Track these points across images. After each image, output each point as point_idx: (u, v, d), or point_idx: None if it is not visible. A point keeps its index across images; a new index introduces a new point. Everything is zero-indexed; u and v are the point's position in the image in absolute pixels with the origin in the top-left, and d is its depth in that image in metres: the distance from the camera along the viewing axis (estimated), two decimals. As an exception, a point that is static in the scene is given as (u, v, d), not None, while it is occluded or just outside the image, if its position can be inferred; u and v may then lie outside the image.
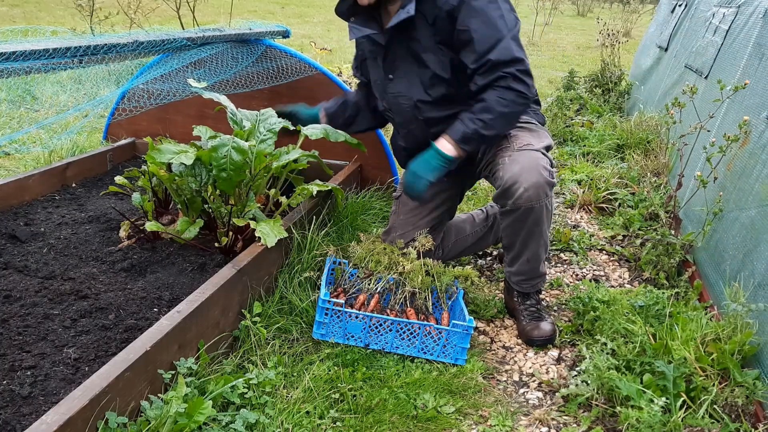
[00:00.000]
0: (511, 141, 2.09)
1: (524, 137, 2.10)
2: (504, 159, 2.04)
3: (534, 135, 2.13)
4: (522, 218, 2.03)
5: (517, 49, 2.00)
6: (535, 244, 2.11)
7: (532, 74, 2.04)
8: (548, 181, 1.99)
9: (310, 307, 2.12)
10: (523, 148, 2.03)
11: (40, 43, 1.81)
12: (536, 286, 2.24)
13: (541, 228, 2.07)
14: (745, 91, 2.59)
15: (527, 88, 2.01)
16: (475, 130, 2.02)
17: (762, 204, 2.08)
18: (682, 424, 1.64)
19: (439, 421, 1.74)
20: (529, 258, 2.15)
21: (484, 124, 2.01)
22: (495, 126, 2.02)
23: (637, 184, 3.48)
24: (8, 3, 11.60)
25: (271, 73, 2.98)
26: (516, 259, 2.17)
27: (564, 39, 12.51)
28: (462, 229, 2.58)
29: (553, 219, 3.28)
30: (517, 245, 2.13)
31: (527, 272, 2.19)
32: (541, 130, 2.21)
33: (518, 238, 2.10)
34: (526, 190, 1.96)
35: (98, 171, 3.08)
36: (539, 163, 1.99)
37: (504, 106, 1.99)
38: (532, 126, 2.20)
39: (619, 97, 5.74)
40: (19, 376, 1.54)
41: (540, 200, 1.99)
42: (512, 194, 1.98)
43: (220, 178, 2.03)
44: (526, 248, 2.13)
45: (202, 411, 1.47)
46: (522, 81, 2.00)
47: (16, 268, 2.06)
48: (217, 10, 10.70)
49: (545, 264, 2.23)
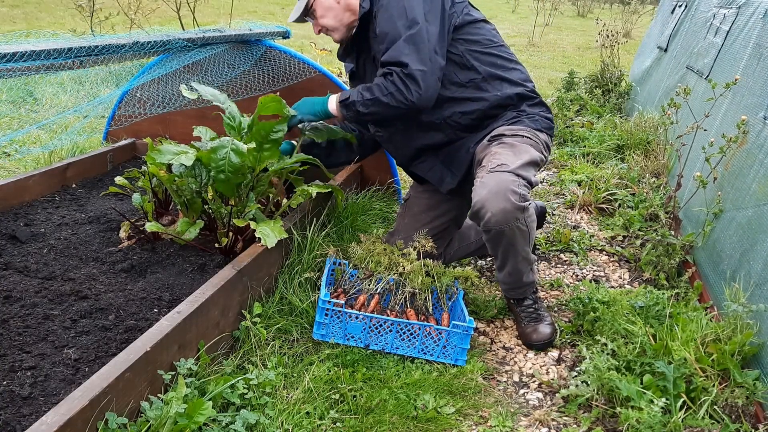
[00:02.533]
0: (489, 159, 2.03)
1: (501, 156, 2.01)
2: (477, 180, 2.00)
3: (515, 151, 2.04)
4: (495, 239, 2.01)
5: (409, 53, 2.03)
6: (514, 260, 2.09)
7: (419, 82, 2.03)
8: (517, 206, 1.90)
9: (310, 307, 2.12)
10: (495, 170, 1.95)
11: (40, 44, 1.81)
12: (523, 294, 2.22)
13: (516, 248, 2.03)
14: (743, 91, 2.60)
15: (408, 91, 2.03)
16: (354, 101, 2.13)
17: (759, 203, 2.08)
18: (682, 425, 1.64)
19: (439, 421, 1.74)
20: (510, 271, 2.14)
21: (363, 101, 2.11)
22: (370, 107, 2.11)
23: (637, 184, 3.48)
24: (8, 3, 11.60)
25: (271, 75, 2.98)
26: (501, 269, 2.17)
27: (564, 40, 12.51)
28: (466, 236, 2.57)
29: (552, 220, 3.28)
30: (498, 258, 2.12)
31: (511, 282, 2.19)
32: (527, 144, 2.10)
33: (498, 253, 2.09)
34: (493, 215, 1.91)
35: (98, 171, 3.08)
36: (508, 187, 1.90)
37: (383, 94, 2.07)
38: (518, 140, 2.10)
39: (619, 98, 5.74)
40: (20, 376, 1.54)
41: (509, 224, 1.93)
42: (481, 218, 1.95)
43: (219, 180, 2.03)
44: (507, 263, 2.11)
45: (202, 411, 1.47)
46: (404, 82, 2.03)
47: (17, 269, 2.06)
48: (217, 10, 10.70)
49: (531, 273, 2.19)
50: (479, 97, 2.18)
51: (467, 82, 2.18)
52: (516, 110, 2.20)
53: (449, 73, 2.16)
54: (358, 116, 2.17)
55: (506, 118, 2.19)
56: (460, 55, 2.16)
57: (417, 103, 2.05)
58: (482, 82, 2.18)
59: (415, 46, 2.03)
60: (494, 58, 2.21)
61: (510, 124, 2.17)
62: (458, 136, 2.23)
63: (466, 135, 2.22)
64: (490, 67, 2.19)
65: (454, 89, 2.17)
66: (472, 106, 2.18)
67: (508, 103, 2.20)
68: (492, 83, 2.19)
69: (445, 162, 2.28)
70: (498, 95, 2.18)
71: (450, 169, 2.27)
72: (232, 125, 2.24)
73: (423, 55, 2.03)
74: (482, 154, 2.11)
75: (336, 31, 2.29)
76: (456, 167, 2.25)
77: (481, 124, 2.20)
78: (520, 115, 2.19)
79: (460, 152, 2.23)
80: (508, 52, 2.26)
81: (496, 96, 2.18)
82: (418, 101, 2.05)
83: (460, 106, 2.18)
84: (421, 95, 2.04)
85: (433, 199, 2.45)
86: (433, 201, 2.45)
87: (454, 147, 2.24)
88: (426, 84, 2.04)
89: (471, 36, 2.18)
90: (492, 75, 2.19)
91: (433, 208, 2.45)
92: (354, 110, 2.15)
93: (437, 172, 2.30)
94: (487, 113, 2.19)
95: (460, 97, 2.18)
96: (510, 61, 2.25)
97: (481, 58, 2.18)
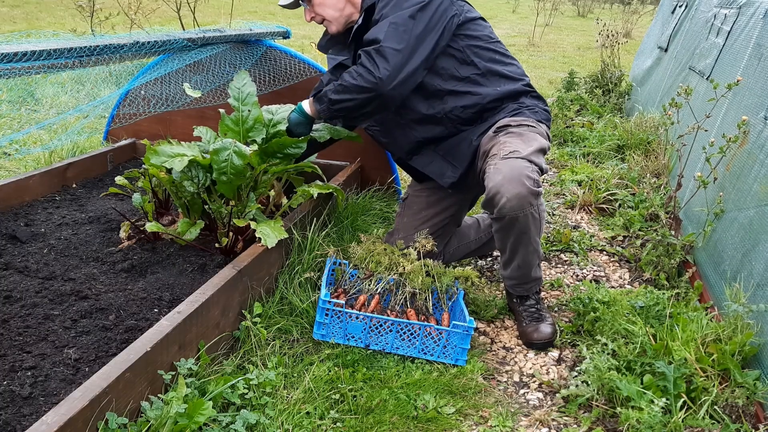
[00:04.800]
0: (499, 148, 2.05)
1: (512, 144, 2.04)
2: (490, 168, 2.01)
3: (524, 140, 2.07)
4: (508, 227, 2.01)
5: (386, 32, 2.02)
6: (524, 251, 2.09)
7: (388, 59, 2.00)
8: (532, 191, 1.92)
9: (311, 307, 2.12)
10: (508, 156, 1.97)
11: (40, 44, 1.82)
12: (530, 290, 2.22)
13: (529, 236, 2.03)
14: (743, 91, 2.59)
15: (375, 68, 2.01)
16: (326, 91, 2.13)
17: (760, 204, 2.08)
18: (682, 425, 1.64)
19: (439, 421, 1.74)
20: (519, 264, 2.14)
21: (334, 88, 2.10)
22: (341, 92, 2.08)
23: (638, 184, 3.48)
24: (9, 3, 11.61)
25: (271, 75, 2.98)
26: (508, 264, 2.17)
27: (564, 40, 12.50)
28: (466, 235, 2.57)
29: (553, 220, 3.28)
30: (507, 251, 2.12)
31: (519, 277, 2.19)
32: (534, 132, 2.13)
33: (507, 244, 2.09)
34: (509, 200, 1.92)
35: (99, 172, 3.08)
36: (523, 172, 1.93)
37: (352, 78, 2.06)
38: (525, 129, 2.13)
39: (620, 98, 5.74)
40: (20, 376, 1.54)
41: (524, 210, 1.94)
42: (495, 204, 1.95)
43: (221, 182, 2.04)
44: (516, 254, 2.11)
45: (203, 411, 1.47)
46: (372, 60, 2.02)
47: (17, 269, 2.06)
48: (218, 10, 10.71)
49: (539, 268, 2.21)
50: (479, 92, 2.21)
51: (467, 77, 2.20)
52: (516, 102, 2.24)
53: (450, 68, 2.19)
54: (330, 106, 2.12)
55: (507, 110, 2.22)
56: (461, 50, 2.19)
57: (384, 81, 2.00)
58: (481, 77, 2.21)
59: (397, 29, 2.03)
60: (493, 54, 2.25)
61: (512, 115, 2.20)
62: (458, 130, 2.24)
63: (466, 128, 2.24)
64: (489, 62, 2.22)
65: (454, 83, 2.20)
66: (473, 100, 2.21)
67: (507, 96, 2.23)
68: (491, 78, 2.22)
69: (445, 155, 2.28)
70: (497, 89, 2.22)
71: (451, 163, 2.27)
72: (231, 126, 2.24)
73: (402, 40, 2.02)
74: (489, 144, 2.13)
75: (334, 22, 2.24)
76: (457, 160, 2.26)
77: (480, 117, 2.23)
78: (520, 107, 2.23)
79: (461, 145, 2.24)
80: (504, 48, 2.31)
81: (496, 90, 2.21)
82: (386, 79, 2.00)
83: (461, 100, 2.21)
84: (390, 73, 2.00)
85: (433, 197, 2.45)
86: (432, 199, 2.45)
87: (455, 140, 2.26)
88: (395, 64, 2.01)
89: (472, 32, 2.21)
90: (491, 70, 2.22)
91: (432, 205, 2.45)
92: (327, 99, 2.12)
93: (437, 165, 2.30)
94: (486, 107, 2.22)
95: (462, 91, 2.20)
96: (506, 57, 2.29)
97: (480, 53, 2.22)
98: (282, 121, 2.25)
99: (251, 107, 2.26)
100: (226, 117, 2.27)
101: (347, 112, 2.15)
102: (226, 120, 2.26)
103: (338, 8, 2.21)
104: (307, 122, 2.28)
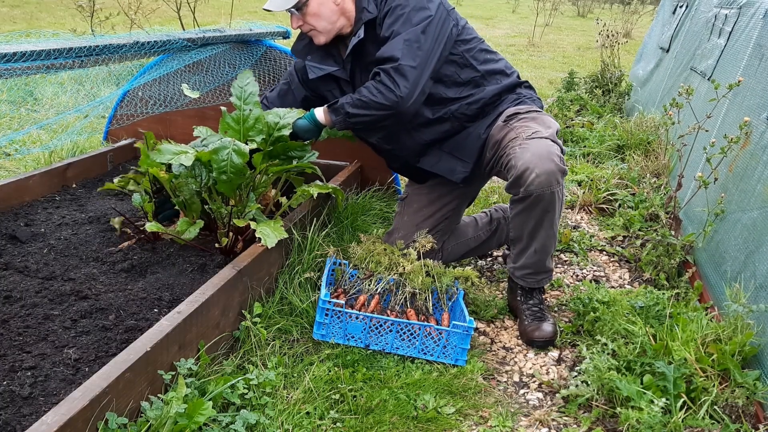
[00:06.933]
0: (519, 132, 2.11)
1: (531, 126, 2.12)
2: (515, 148, 2.05)
3: (540, 123, 2.15)
4: (532, 206, 2.04)
5: (402, 50, 2.06)
6: (545, 234, 2.11)
7: (408, 77, 2.05)
8: (560, 168, 1.99)
9: (311, 307, 2.12)
10: (533, 137, 2.04)
11: (40, 44, 1.82)
12: (541, 282, 2.23)
13: (552, 216, 2.07)
14: (745, 92, 2.59)
15: (395, 87, 2.05)
16: (343, 104, 2.14)
17: (764, 205, 2.08)
18: (682, 425, 1.64)
19: (439, 421, 1.74)
20: (537, 249, 2.15)
21: (352, 102, 2.12)
22: (359, 107, 2.11)
23: (638, 184, 3.48)
24: (9, 3, 11.61)
25: (271, 75, 2.98)
26: (523, 252, 2.17)
27: (564, 40, 12.51)
28: (464, 233, 2.58)
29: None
30: (525, 236, 2.14)
31: (533, 265, 2.19)
32: (545, 116, 2.23)
33: (527, 227, 2.10)
34: (538, 176, 1.96)
35: (99, 171, 3.08)
36: (550, 149, 2.00)
37: (372, 94, 2.09)
38: (535, 114, 2.22)
39: (620, 98, 5.74)
40: (20, 376, 1.54)
41: (551, 187, 1.99)
42: (524, 181, 1.99)
43: (221, 181, 2.04)
44: (535, 239, 2.12)
45: (203, 412, 1.47)
46: (392, 78, 2.06)
47: (17, 269, 2.06)
48: (218, 10, 10.71)
49: (552, 260, 2.23)
50: (481, 90, 2.27)
51: (469, 80, 2.26)
52: (513, 93, 2.31)
53: (452, 74, 2.23)
54: (347, 119, 2.15)
55: (509, 101, 2.29)
56: (460, 55, 2.24)
57: (405, 99, 2.06)
58: (481, 77, 2.27)
59: (411, 46, 2.06)
60: (485, 54, 2.31)
61: (516, 104, 2.27)
62: (463, 126, 2.29)
63: (470, 124, 2.29)
64: (484, 63, 2.28)
65: (457, 88, 2.25)
66: (476, 96, 2.26)
67: (506, 89, 2.30)
68: (489, 77, 2.29)
69: (451, 152, 2.31)
70: (497, 85, 2.28)
71: (459, 158, 2.30)
72: (232, 125, 2.24)
73: (417, 56, 2.07)
74: (501, 133, 2.19)
75: (325, 34, 2.22)
76: (466, 155, 2.29)
77: (483, 111, 2.28)
78: (519, 96, 2.31)
79: (468, 140, 2.28)
80: (489, 46, 2.38)
81: (496, 86, 2.28)
82: (406, 97, 2.06)
83: (466, 99, 2.26)
84: (409, 91, 2.06)
85: (433, 194, 2.46)
86: (433, 195, 2.46)
87: (460, 137, 2.30)
88: (414, 82, 2.07)
89: (465, 36, 2.27)
90: (488, 69, 2.29)
91: (433, 202, 2.46)
92: (343, 112, 2.14)
93: (446, 163, 2.33)
94: (488, 102, 2.28)
95: (466, 94, 2.26)
96: (495, 53, 2.37)
97: (476, 55, 2.27)
98: (287, 126, 2.25)
99: (253, 106, 2.26)
100: (227, 115, 2.26)
101: (363, 126, 2.21)
102: (227, 118, 2.26)
103: (332, 21, 2.20)
104: (317, 129, 2.30)
